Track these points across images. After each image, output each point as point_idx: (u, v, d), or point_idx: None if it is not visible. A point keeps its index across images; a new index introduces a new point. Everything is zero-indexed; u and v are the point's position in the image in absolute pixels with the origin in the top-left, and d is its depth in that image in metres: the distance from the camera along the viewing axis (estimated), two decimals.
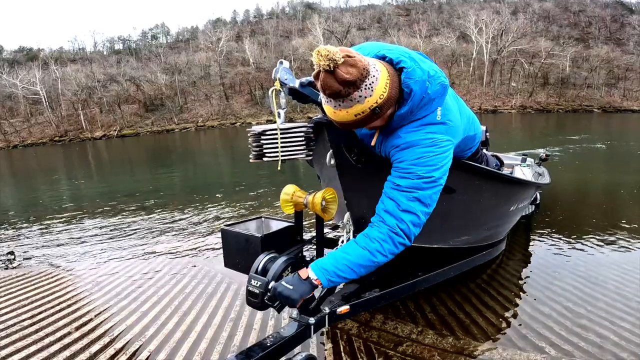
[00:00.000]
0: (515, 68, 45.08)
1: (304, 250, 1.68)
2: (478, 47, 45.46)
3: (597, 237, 3.58)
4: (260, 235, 1.53)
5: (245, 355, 1.39)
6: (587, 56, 45.39)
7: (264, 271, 1.41)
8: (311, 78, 1.35)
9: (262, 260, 1.44)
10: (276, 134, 1.35)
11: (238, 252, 1.61)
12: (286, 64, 1.41)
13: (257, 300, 1.37)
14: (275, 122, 1.41)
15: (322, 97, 1.24)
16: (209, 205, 5.90)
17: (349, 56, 1.13)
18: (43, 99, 42.70)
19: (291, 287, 1.31)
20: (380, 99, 1.19)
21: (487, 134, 5.19)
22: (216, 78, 48.27)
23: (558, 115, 35.26)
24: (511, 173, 3.95)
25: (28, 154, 29.23)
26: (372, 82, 1.17)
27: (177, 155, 18.25)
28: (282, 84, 1.38)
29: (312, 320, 1.52)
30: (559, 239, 3.60)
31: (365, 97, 1.17)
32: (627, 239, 3.51)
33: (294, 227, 1.59)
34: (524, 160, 4.64)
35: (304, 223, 1.78)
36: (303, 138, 1.37)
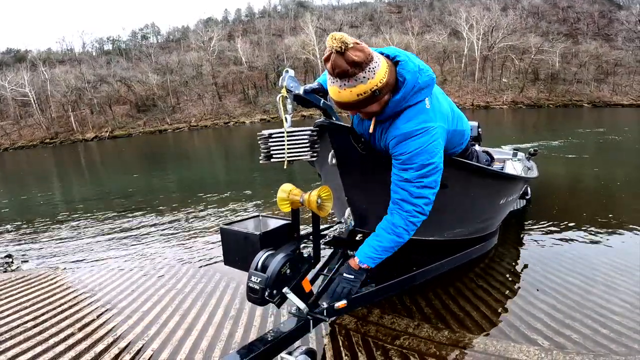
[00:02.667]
0: (506, 64, 45.47)
1: (300, 246, 1.73)
2: (469, 44, 45.77)
3: (589, 230, 3.66)
4: (258, 233, 1.58)
5: (247, 350, 1.44)
6: (576, 52, 45.91)
7: (264, 268, 1.46)
8: (314, 85, 1.50)
9: (261, 257, 1.50)
10: (283, 137, 1.43)
11: (237, 250, 1.67)
12: (292, 72, 1.53)
13: (258, 296, 1.43)
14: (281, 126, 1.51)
15: (329, 80, 1.42)
16: (205, 205, 5.93)
17: (357, 43, 1.34)
18: (32, 101, 42.18)
19: (353, 277, 1.65)
20: (381, 83, 1.39)
21: (480, 129, 5.28)
22: (208, 77, 48.04)
23: (549, 110, 35.66)
24: (503, 167, 4.04)
25: (19, 156, 28.90)
26: (375, 67, 1.37)
27: (171, 155, 18.18)
28: (288, 91, 1.47)
29: (310, 315, 1.58)
30: (552, 232, 3.68)
31: (368, 79, 1.37)
32: (618, 232, 3.59)
33: (291, 225, 1.65)
34: (515, 155, 4.73)
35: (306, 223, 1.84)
36: (307, 141, 1.46)
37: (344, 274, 1.64)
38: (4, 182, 14.37)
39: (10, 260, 4.12)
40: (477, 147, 4.99)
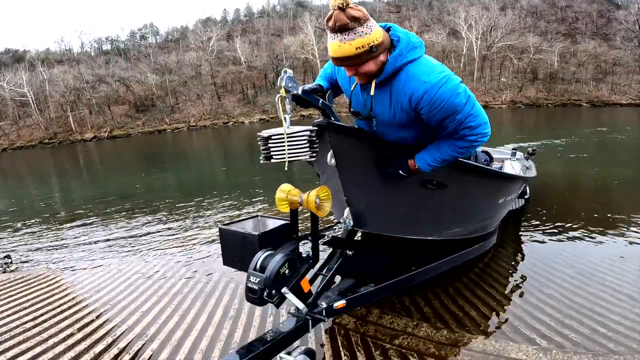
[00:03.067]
0: (504, 64, 45.47)
1: (299, 246, 1.74)
2: (468, 43, 45.77)
3: (588, 229, 3.67)
4: (257, 233, 1.58)
5: (247, 350, 1.45)
6: (575, 51, 45.93)
7: (263, 268, 1.46)
8: (313, 85, 1.51)
9: (260, 257, 1.50)
10: (282, 137, 1.43)
11: (236, 250, 1.67)
12: (290, 72, 1.53)
13: (256, 296, 1.43)
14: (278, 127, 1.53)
15: (330, 38, 1.54)
16: (205, 206, 5.92)
17: (357, 5, 1.51)
18: (31, 101, 42.08)
19: (407, 175, 1.77)
20: (377, 40, 1.53)
21: None
22: (207, 77, 47.95)
23: (547, 109, 35.67)
24: (501, 167, 4.04)
25: (17, 156, 28.85)
26: (372, 26, 1.52)
27: (170, 156, 18.16)
28: (287, 91, 1.48)
29: (309, 315, 1.58)
30: (550, 231, 3.69)
31: (366, 34, 1.50)
32: (616, 231, 3.60)
33: (290, 225, 1.65)
34: (513, 155, 4.74)
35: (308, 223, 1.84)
36: (307, 141, 1.46)
37: (400, 171, 1.75)
38: (3, 182, 14.35)
39: (10, 260, 4.12)
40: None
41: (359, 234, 2.36)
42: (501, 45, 45.19)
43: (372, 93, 1.69)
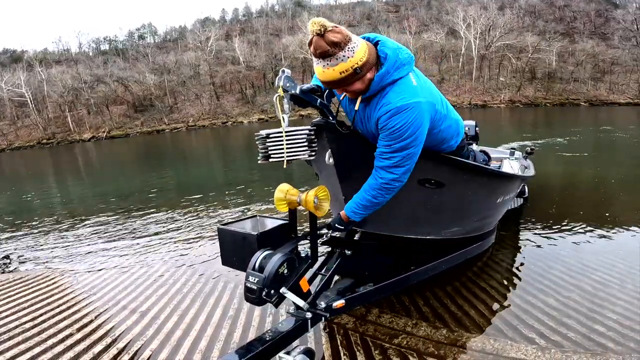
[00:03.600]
0: (503, 63, 45.53)
1: (298, 246, 1.74)
2: (467, 43, 45.83)
3: (587, 228, 3.67)
4: (256, 233, 1.58)
5: (246, 350, 1.45)
6: (573, 51, 46.04)
7: (261, 268, 1.46)
8: (311, 85, 1.51)
9: (259, 257, 1.50)
10: (281, 136, 1.44)
11: (235, 250, 1.67)
12: (288, 72, 1.53)
13: (255, 296, 1.43)
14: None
15: (314, 62, 1.55)
16: (204, 205, 5.92)
17: (336, 27, 1.49)
18: (29, 101, 42.00)
19: (342, 228, 1.78)
20: (361, 61, 1.52)
21: (477, 128, 5.29)
22: (206, 77, 47.92)
23: (546, 109, 35.74)
24: (500, 166, 4.05)
25: (16, 157, 28.80)
26: (354, 47, 1.51)
27: (169, 155, 18.14)
28: (285, 91, 1.48)
29: (308, 315, 1.58)
30: (549, 230, 3.69)
31: (348, 57, 1.50)
32: (615, 230, 3.60)
33: (288, 225, 1.65)
34: (512, 154, 4.75)
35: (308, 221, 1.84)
36: (305, 140, 1.46)
37: (336, 224, 1.78)
38: (1, 182, 14.31)
39: (8, 261, 4.11)
40: (474, 147, 5.02)
41: (358, 233, 2.37)
42: (499, 45, 45.24)
43: (356, 108, 1.71)
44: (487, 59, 45.80)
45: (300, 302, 1.54)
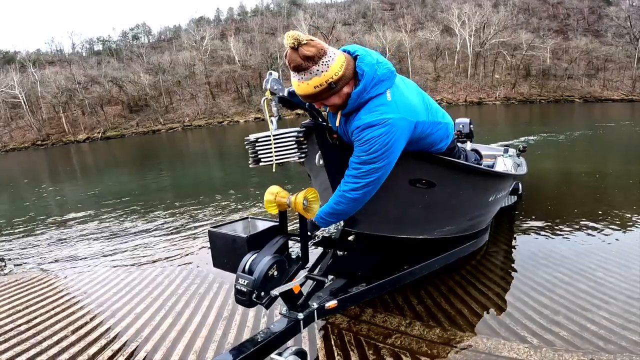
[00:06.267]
0: (498, 60, 45.73)
1: (289, 248, 1.75)
2: (462, 41, 45.94)
3: (580, 226, 3.70)
4: (246, 235, 1.59)
5: (238, 351, 1.46)
6: (567, 48, 46.29)
7: (251, 270, 1.47)
8: None
9: (248, 259, 1.51)
10: (269, 140, 1.44)
11: (225, 253, 1.68)
12: (275, 74, 1.53)
13: (245, 298, 1.44)
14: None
15: (291, 75, 1.53)
16: (200, 206, 5.92)
17: (312, 40, 1.46)
18: (23, 103, 41.68)
19: (310, 228, 1.69)
20: (336, 75, 1.50)
21: (471, 126, 5.30)
22: (201, 77, 47.76)
23: (541, 105, 35.94)
24: (494, 163, 4.08)
25: (10, 158, 28.60)
26: (329, 61, 1.48)
27: (165, 156, 18.09)
28: (273, 94, 1.48)
29: (300, 315, 1.60)
30: (543, 228, 3.71)
31: (322, 72, 1.48)
32: (609, 228, 3.62)
33: (279, 227, 1.66)
34: (506, 152, 4.78)
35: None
36: (294, 142, 1.47)
37: (309, 232, 1.72)
38: None
39: (4, 264, 4.09)
40: (467, 145, 5.03)
41: (353, 235, 2.38)
42: (494, 42, 45.41)
43: (337, 124, 1.68)
44: (482, 56, 45.97)
45: (291, 306, 1.55)
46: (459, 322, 2.20)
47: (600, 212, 4.07)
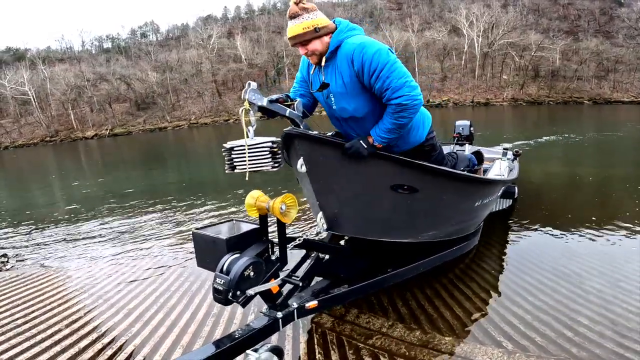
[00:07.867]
0: (506, 61, 45.33)
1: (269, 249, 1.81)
2: (469, 41, 45.61)
3: (574, 232, 3.69)
4: (225, 237, 1.66)
5: (215, 346, 1.53)
6: (577, 49, 45.73)
7: (228, 270, 1.54)
8: (280, 95, 1.62)
9: (226, 260, 1.58)
10: (244, 149, 1.51)
11: (207, 253, 1.75)
12: (254, 85, 1.61)
13: (222, 297, 1.51)
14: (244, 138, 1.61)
15: (288, 24, 1.92)
16: (199, 205, 6.00)
17: (310, 2, 1.91)
18: (32, 99, 42.25)
19: (366, 147, 1.85)
20: (320, 24, 1.91)
21: (472, 128, 5.28)
22: (208, 75, 48.02)
23: (549, 107, 35.56)
24: (491, 167, 4.07)
25: (19, 154, 29.03)
26: (318, 14, 1.92)
27: (170, 154, 18.25)
28: (251, 104, 1.55)
29: (279, 314, 1.66)
30: (536, 233, 3.73)
31: (311, 18, 1.90)
32: (600, 234, 3.61)
33: (259, 230, 1.72)
34: (504, 154, 4.76)
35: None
36: (268, 152, 1.53)
37: (361, 142, 1.88)
38: (3, 180, 14.47)
39: (6, 259, 4.21)
40: (467, 147, 5.02)
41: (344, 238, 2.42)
42: (502, 43, 45.01)
43: (322, 64, 1.98)
44: (490, 57, 45.60)
45: (269, 304, 1.61)
46: (440, 326, 2.23)
47: (594, 218, 4.06)
